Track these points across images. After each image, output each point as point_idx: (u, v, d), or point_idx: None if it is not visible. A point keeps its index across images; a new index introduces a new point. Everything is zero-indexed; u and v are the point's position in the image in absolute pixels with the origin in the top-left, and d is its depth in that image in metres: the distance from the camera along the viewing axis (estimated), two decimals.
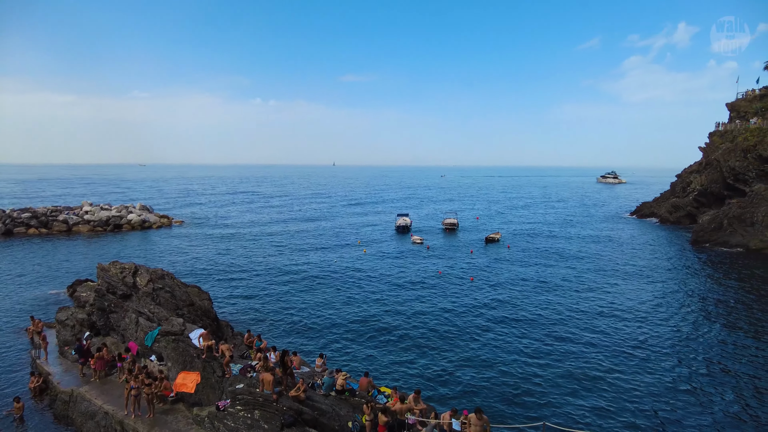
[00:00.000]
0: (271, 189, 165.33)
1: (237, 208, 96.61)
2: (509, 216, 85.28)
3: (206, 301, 22.79)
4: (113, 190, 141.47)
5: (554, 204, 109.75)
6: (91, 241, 57.08)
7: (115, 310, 20.05)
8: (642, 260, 44.94)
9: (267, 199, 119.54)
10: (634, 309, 30.02)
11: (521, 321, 27.78)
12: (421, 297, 33.18)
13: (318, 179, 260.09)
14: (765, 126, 58.98)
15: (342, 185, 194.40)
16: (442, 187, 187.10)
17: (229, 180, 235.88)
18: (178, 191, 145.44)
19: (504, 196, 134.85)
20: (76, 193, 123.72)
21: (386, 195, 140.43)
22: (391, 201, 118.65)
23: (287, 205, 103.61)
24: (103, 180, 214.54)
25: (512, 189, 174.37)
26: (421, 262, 44.99)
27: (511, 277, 39.06)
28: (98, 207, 70.71)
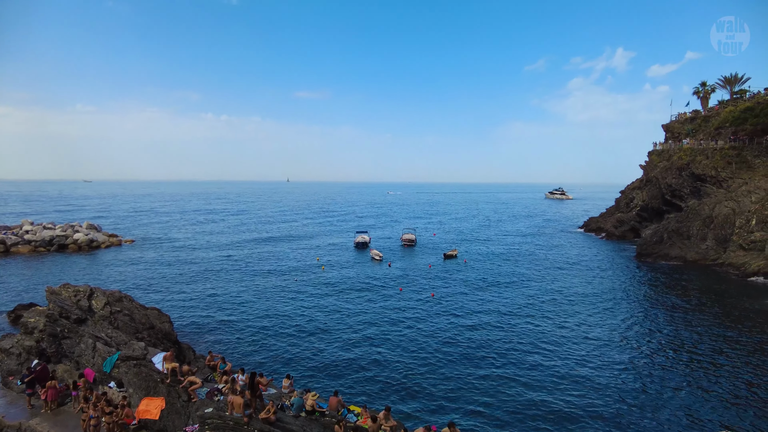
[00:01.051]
0: (224, 206, 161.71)
1: (189, 227, 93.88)
2: (464, 231, 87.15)
3: (167, 324, 22.13)
4: (56, 208, 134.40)
5: (506, 219, 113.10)
6: (33, 263, 54.03)
7: (68, 336, 19.18)
8: (591, 273, 47.07)
9: (221, 217, 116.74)
10: (585, 323, 31.40)
11: (481, 331, 28.52)
12: (384, 312, 33.44)
13: (272, 196, 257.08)
14: (696, 146, 63.44)
15: (297, 202, 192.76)
16: (396, 203, 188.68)
17: (179, 197, 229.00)
18: (127, 209, 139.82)
19: (458, 212, 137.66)
20: (14, 211, 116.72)
21: (341, 211, 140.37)
22: (346, 217, 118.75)
23: (242, 223, 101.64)
24: (44, 197, 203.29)
25: (466, 205, 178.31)
26: (381, 277, 45.32)
27: (469, 290, 40.02)
28: (40, 226, 67.05)
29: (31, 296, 37.37)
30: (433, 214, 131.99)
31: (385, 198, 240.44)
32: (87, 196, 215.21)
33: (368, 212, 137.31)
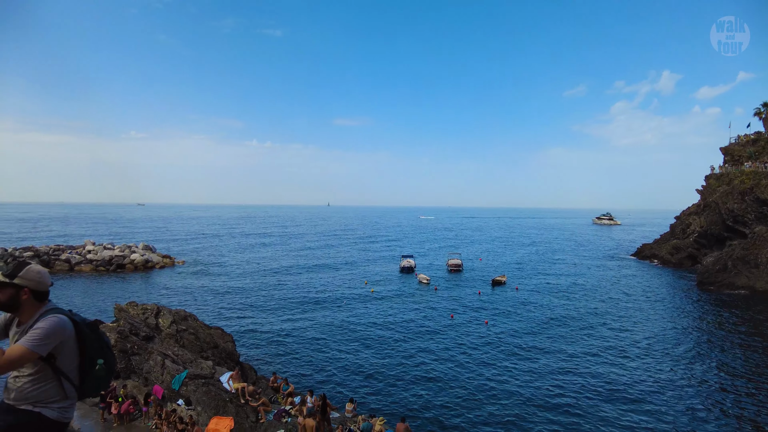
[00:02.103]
0: (270, 229, 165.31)
1: (238, 248, 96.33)
2: (511, 257, 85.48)
3: (230, 344, 22.56)
4: (114, 230, 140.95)
5: (554, 244, 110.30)
6: (94, 281, 56.59)
7: (138, 352, 19.83)
8: (650, 302, 45.02)
9: (267, 239, 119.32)
10: (646, 353, 29.93)
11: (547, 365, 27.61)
12: (439, 338, 32.97)
13: (314, 220, 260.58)
14: (760, 169, 60.34)
15: (339, 226, 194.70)
16: (432, 228, 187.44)
17: (226, 220, 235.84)
18: (178, 231, 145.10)
19: (502, 237, 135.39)
20: (77, 233, 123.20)
21: (381, 235, 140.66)
22: (386, 241, 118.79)
23: (288, 246, 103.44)
24: (103, 219, 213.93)
25: (509, 230, 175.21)
26: (431, 302, 44.85)
27: (523, 320, 38.97)
28: (101, 246, 70.38)
29: (95, 313, 38.97)
30: (476, 239, 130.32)
31: (419, 222, 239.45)
32: (141, 219, 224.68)
33: (404, 236, 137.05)
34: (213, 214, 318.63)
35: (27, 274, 3.08)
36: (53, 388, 3.07)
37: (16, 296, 3.03)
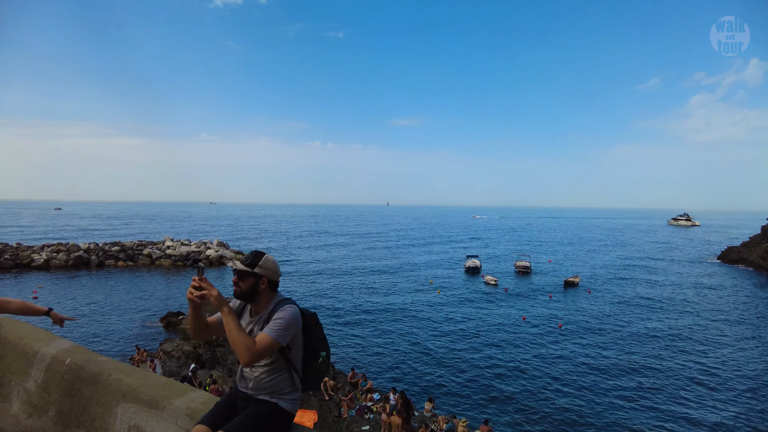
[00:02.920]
0: (334, 227, 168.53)
1: (304, 246, 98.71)
2: (581, 259, 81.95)
3: None
4: (190, 227, 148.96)
5: (628, 246, 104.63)
6: (174, 275, 59.87)
7: (222, 344, 20.62)
8: (746, 310, 41.51)
9: (332, 238, 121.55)
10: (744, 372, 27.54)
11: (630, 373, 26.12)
12: (511, 340, 32.09)
13: (375, 219, 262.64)
14: None
15: (400, 225, 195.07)
16: (503, 228, 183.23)
17: (290, 218, 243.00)
18: (247, 229, 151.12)
19: (570, 239, 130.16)
20: (157, 229, 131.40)
21: (444, 234, 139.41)
22: (450, 241, 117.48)
23: (352, 243, 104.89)
24: (179, 217, 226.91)
25: (577, 231, 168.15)
26: (500, 304, 43.79)
27: (599, 324, 37.13)
28: (179, 242, 74.38)
29: (177, 305, 41.03)
30: (543, 240, 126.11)
31: (475, 222, 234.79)
32: (213, 217, 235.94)
33: (464, 236, 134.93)
34: (279, 213, 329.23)
35: (265, 263, 3.09)
36: (285, 379, 3.05)
37: (255, 285, 3.05)
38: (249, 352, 2.76)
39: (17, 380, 3.95)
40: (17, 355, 4.07)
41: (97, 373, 3.20)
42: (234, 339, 2.75)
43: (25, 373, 3.92)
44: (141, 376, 3.00)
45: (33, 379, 3.82)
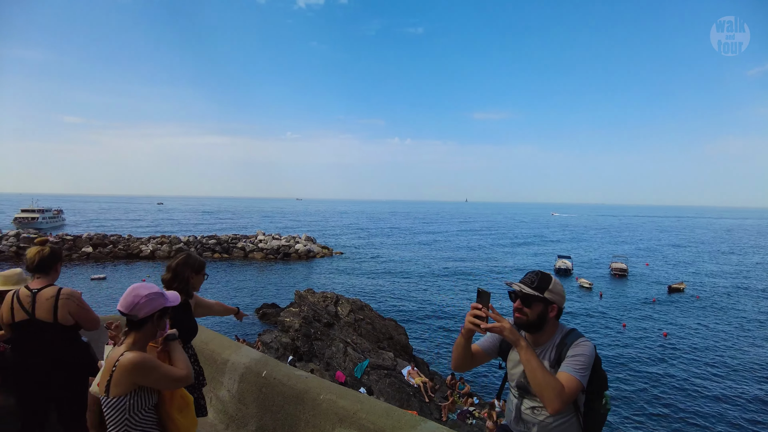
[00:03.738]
0: (415, 224, 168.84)
1: (388, 242, 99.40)
2: (685, 263, 75.40)
3: (403, 336, 22.98)
4: (278, 222, 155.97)
5: (744, 249, 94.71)
6: (265, 268, 62.67)
7: (320, 338, 21.07)
8: None
9: (414, 235, 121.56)
10: None
11: None
12: (613, 349, 30.09)
13: (454, 215, 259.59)
14: None
15: (480, 221, 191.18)
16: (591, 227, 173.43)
17: (371, 214, 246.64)
18: (332, 224, 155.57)
19: (668, 240, 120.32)
20: (248, 224, 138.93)
21: (525, 233, 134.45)
22: (533, 240, 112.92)
23: (435, 242, 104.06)
24: (267, 212, 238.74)
25: (674, 232, 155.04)
26: (597, 309, 41.28)
27: (711, 340, 33.75)
28: (270, 236, 77.91)
29: (270, 297, 42.83)
30: (636, 240, 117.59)
31: (554, 220, 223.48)
32: (300, 212, 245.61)
33: (549, 235, 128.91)
34: (359, 209, 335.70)
35: (555, 287, 2.71)
36: (574, 424, 2.58)
37: (544, 313, 2.66)
38: (559, 399, 2.34)
39: (208, 387, 3.92)
40: (205, 361, 4.06)
41: (302, 391, 3.05)
42: (540, 382, 2.35)
43: (217, 380, 3.94)
44: (355, 398, 2.78)
45: (226, 389, 3.82)
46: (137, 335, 2.58)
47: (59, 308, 3.64)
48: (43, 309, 3.61)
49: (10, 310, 3.64)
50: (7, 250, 62.82)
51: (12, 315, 3.63)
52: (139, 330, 2.58)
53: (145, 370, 2.46)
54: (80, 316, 3.78)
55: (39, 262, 3.76)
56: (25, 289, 3.70)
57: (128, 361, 2.44)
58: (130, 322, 2.57)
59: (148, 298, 2.55)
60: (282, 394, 3.22)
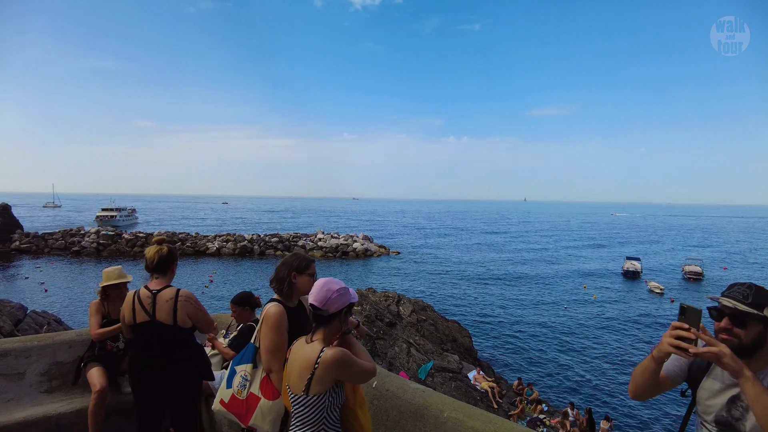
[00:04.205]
0: (472, 223, 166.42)
1: (446, 242, 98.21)
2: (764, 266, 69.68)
3: (467, 339, 22.49)
4: (336, 221, 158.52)
5: None
6: (325, 266, 63.56)
7: (382, 338, 20.97)
8: None
9: (472, 235, 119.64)
10: None
11: None
12: None
13: (514, 215, 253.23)
14: None
15: (540, 221, 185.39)
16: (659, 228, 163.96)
17: (427, 214, 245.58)
18: (388, 223, 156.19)
19: (747, 242, 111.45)
20: (307, 222, 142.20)
21: (586, 234, 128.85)
22: (596, 242, 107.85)
23: (494, 243, 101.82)
24: (326, 211, 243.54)
25: (754, 233, 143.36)
26: (669, 316, 38.82)
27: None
28: (329, 235, 79.13)
29: None
30: (708, 243, 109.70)
31: (615, 220, 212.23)
32: (356, 212, 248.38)
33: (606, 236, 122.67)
34: (414, 209, 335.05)
35: None
36: None
37: (762, 335, 2.15)
38: None
39: None
40: None
41: (421, 407, 2.83)
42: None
43: None
44: (485, 419, 2.52)
45: None
46: (326, 331, 2.57)
47: (178, 310, 3.64)
48: (163, 311, 3.62)
49: (131, 311, 3.66)
50: (89, 246, 67.79)
51: (134, 316, 3.65)
52: (328, 325, 2.56)
53: (346, 365, 2.46)
54: (197, 318, 3.78)
55: (158, 262, 3.76)
56: (145, 290, 3.70)
57: (332, 357, 2.42)
58: (319, 317, 2.55)
59: (339, 293, 2.54)
60: (397, 408, 3.00)
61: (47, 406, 4.01)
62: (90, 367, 4.23)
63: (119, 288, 4.47)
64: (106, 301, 4.43)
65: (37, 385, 4.12)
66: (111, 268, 4.47)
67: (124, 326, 3.78)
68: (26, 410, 3.92)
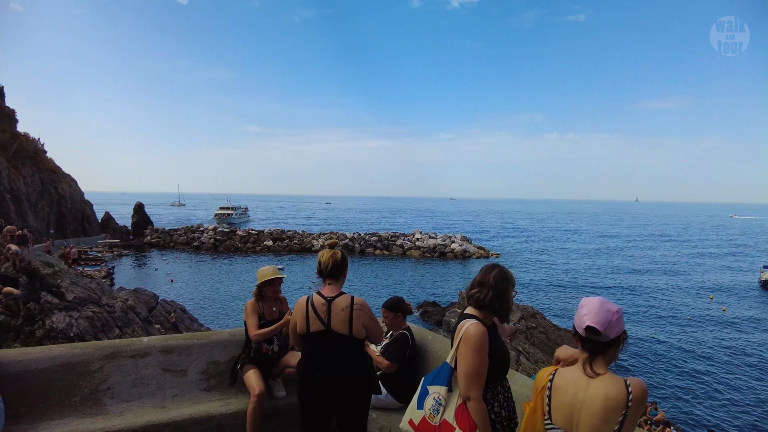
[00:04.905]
0: (578, 225, 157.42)
1: (550, 246, 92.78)
2: None
3: None
4: (433, 221, 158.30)
5: None
6: (422, 265, 63.63)
7: None
8: None
9: (579, 238, 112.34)
10: None
11: None
12: None
13: (625, 217, 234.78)
14: None
15: (655, 225, 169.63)
16: None
17: (527, 214, 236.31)
18: (487, 224, 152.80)
19: None
20: (405, 222, 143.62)
21: (708, 238, 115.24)
22: (728, 249, 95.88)
23: (605, 248, 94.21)
24: (423, 211, 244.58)
25: None
26: None
27: None
28: (426, 235, 79.07)
29: (429, 295, 42.98)
30: None
31: (735, 223, 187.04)
32: (453, 212, 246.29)
33: (727, 240, 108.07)
34: (516, 209, 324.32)
35: None
36: None
37: None
38: None
39: None
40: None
41: None
42: None
43: None
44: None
45: None
46: (604, 360, 2.17)
47: (354, 319, 3.42)
48: (338, 320, 3.42)
49: (305, 319, 3.47)
50: (207, 242, 74.20)
51: (307, 324, 3.46)
52: (605, 354, 2.17)
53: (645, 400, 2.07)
54: (372, 328, 3.57)
55: (333, 267, 3.54)
56: (318, 297, 3.51)
57: (642, 390, 2.04)
58: (595, 342, 2.16)
59: (618, 315, 2.14)
60: None
61: (208, 405, 4.20)
62: (246, 369, 4.24)
63: (274, 285, 4.45)
64: (261, 301, 4.43)
65: (197, 383, 4.31)
66: (265, 267, 4.49)
67: (294, 334, 3.65)
68: (190, 406, 4.12)
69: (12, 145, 50.22)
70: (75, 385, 3.86)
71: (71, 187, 62.55)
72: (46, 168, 57.12)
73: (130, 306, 18.77)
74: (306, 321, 3.46)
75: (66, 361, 3.85)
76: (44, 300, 15.28)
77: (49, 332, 15.02)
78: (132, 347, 4.11)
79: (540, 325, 21.41)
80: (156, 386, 4.17)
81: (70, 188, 61.47)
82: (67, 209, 59.03)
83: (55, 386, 3.79)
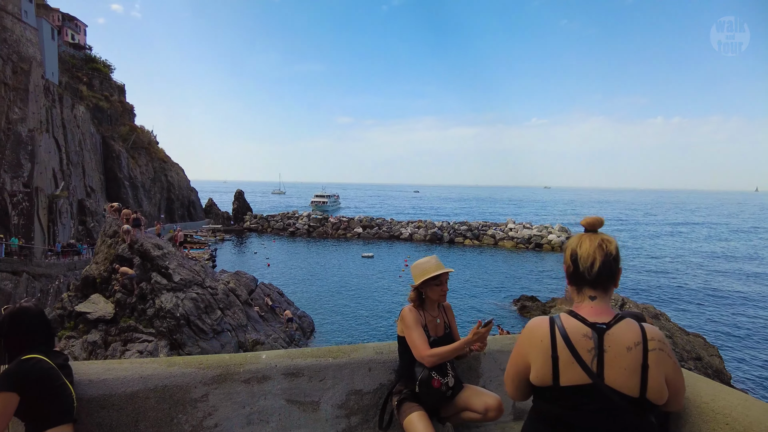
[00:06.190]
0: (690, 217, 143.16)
1: (662, 242, 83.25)
2: None
3: (716, 358, 18.04)
4: (526, 210, 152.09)
5: None
6: (515, 256, 60.47)
7: None
8: None
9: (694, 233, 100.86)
10: None
11: None
12: None
13: (750, 209, 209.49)
14: None
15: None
16: None
17: (630, 204, 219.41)
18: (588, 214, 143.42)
19: None
20: (496, 211, 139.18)
21: None
22: None
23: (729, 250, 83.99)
24: (515, 200, 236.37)
25: None
26: None
27: None
28: (521, 225, 75.18)
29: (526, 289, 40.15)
30: None
31: None
32: (549, 201, 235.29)
33: None
34: (618, 199, 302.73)
35: None
36: None
37: None
38: None
39: None
40: None
41: None
42: None
43: None
44: None
45: None
46: None
47: (651, 368, 1.76)
48: (618, 367, 1.65)
49: (549, 362, 1.88)
50: (302, 228, 76.56)
51: (554, 371, 1.87)
52: None
53: None
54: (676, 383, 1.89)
55: (603, 267, 1.93)
56: (575, 322, 1.84)
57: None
58: None
59: None
60: None
61: None
62: (407, 409, 2.85)
63: (441, 283, 3.07)
64: (421, 308, 3.09)
65: (333, 422, 3.05)
66: (425, 259, 3.11)
67: (520, 384, 2.00)
68: None
69: (131, 137, 54.83)
70: (172, 418, 2.74)
71: (179, 175, 67.14)
72: (158, 157, 61.72)
73: (231, 288, 18.81)
74: (553, 365, 1.83)
75: (161, 383, 2.72)
76: (154, 281, 15.47)
77: (158, 311, 15.26)
78: (246, 367, 2.91)
79: (665, 327, 18.39)
80: (278, 425, 2.97)
81: (178, 176, 65.99)
82: (175, 195, 63.50)
83: (147, 419, 2.68)
